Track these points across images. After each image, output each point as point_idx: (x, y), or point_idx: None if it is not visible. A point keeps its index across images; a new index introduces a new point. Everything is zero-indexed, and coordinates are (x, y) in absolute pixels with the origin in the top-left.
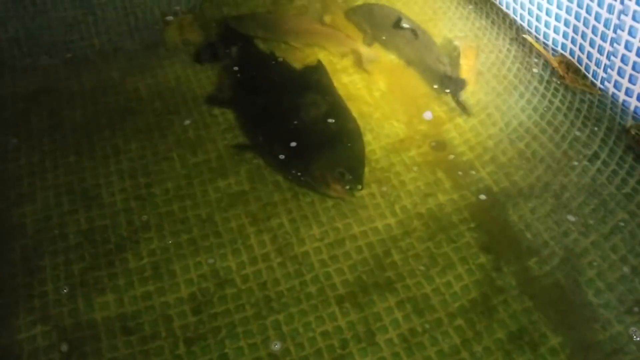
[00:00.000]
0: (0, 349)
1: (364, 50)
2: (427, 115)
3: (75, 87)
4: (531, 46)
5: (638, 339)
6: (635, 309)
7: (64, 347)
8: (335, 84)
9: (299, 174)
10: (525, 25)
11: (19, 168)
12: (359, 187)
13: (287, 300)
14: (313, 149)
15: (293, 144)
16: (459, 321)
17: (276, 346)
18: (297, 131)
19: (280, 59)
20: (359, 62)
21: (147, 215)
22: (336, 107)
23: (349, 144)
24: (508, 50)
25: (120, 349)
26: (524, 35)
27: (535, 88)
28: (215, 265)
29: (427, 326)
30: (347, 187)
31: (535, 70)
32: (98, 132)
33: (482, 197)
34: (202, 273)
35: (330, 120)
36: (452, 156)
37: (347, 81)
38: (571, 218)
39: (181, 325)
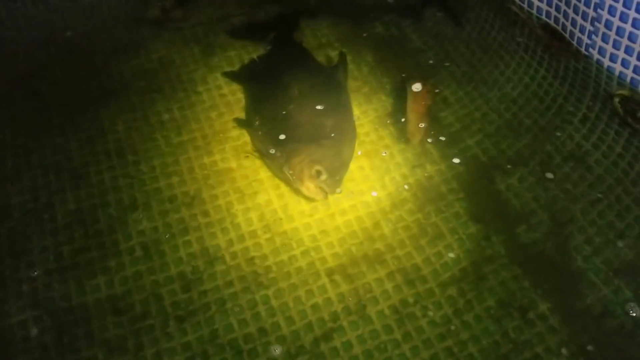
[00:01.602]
0: None
1: None
2: (416, 86)
3: (58, 69)
4: (515, 15)
5: (625, 302)
6: (622, 272)
7: (55, 331)
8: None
9: (282, 166)
10: None
11: (2, 149)
12: (333, 190)
13: (275, 275)
14: (302, 143)
15: (282, 136)
16: (450, 291)
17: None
18: (293, 123)
19: (306, 50)
20: None
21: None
22: (340, 106)
23: (338, 146)
24: (493, 20)
25: (110, 330)
26: (508, 5)
27: (520, 57)
28: (204, 243)
29: (418, 297)
30: (322, 187)
31: (520, 39)
32: (83, 113)
33: (470, 167)
34: (191, 252)
35: (328, 119)
36: (439, 128)
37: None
38: (558, 185)
39: (171, 302)
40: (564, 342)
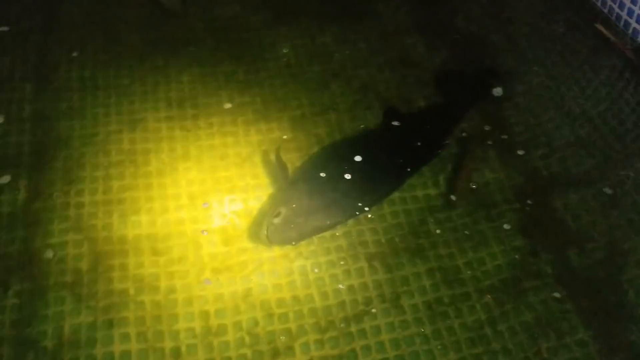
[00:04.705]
0: (32, 250)
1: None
2: (497, 91)
3: (136, 11)
4: (607, 34)
5: None
6: None
7: (92, 259)
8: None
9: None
10: (605, 10)
11: (71, 81)
12: (272, 240)
13: (316, 249)
14: (309, 185)
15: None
16: (487, 298)
17: None
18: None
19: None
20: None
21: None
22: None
23: (326, 212)
24: (583, 34)
25: (146, 267)
26: (596, 25)
27: (606, 77)
28: (249, 204)
29: (454, 298)
30: (268, 228)
31: (608, 60)
32: (152, 58)
33: (530, 179)
34: (236, 210)
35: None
36: (505, 135)
37: (409, 43)
38: (622, 214)
39: (210, 253)
40: None
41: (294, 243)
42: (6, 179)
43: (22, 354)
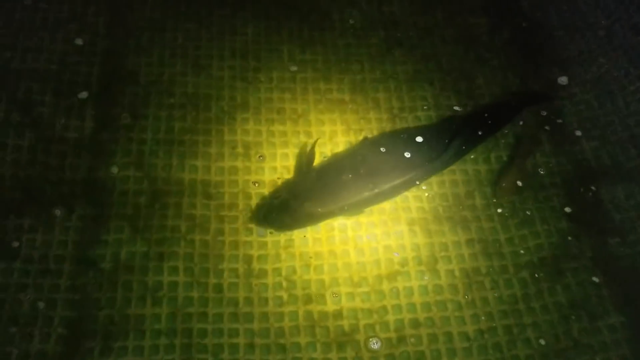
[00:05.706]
0: (96, 179)
1: None
2: (562, 79)
3: None
4: None
5: None
6: None
7: (150, 196)
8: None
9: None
10: None
11: (142, 20)
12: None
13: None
14: (339, 169)
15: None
16: (524, 274)
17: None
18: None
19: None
20: None
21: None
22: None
23: (323, 201)
24: None
25: (198, 209)
26: None
27: None
28: None
29: (491, 270)
30: (263, 208)
31: None
32: (220, 8)
33: (579, 169)
34: (286, 165)
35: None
36: (559, 121)
37: (474, 23)
38: None
39: (258, 204)
40: (626, 358)
41: (287, 229)
42: (84, 94)
43: (82, 272)
